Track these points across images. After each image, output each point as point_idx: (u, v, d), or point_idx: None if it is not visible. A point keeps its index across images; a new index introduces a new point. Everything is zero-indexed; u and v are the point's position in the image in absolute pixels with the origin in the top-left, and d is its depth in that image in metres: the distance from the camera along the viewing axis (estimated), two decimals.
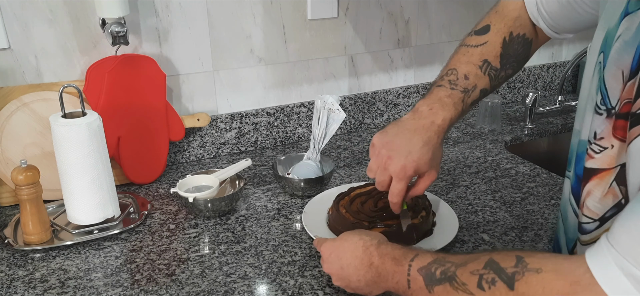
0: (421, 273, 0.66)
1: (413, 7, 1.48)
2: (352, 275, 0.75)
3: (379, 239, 0.76)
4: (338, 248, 0.78)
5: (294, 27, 1.35)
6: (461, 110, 0.86)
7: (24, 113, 1.08)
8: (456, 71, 0.87)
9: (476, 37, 0.89)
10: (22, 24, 1.09)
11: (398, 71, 1.54)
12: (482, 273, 0.59)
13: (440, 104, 0.84)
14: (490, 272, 0.58)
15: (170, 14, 1.21)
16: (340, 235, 0.80)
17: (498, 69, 0.87)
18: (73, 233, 1.00)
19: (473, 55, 0.87)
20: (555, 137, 1.56)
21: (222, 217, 1.07)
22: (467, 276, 0.60)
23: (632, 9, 0.61)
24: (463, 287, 0.60)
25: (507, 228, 1.01)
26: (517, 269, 0.56)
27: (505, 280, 0.57)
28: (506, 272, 0.57)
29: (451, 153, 1.36)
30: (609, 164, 0.62)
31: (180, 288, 0.86)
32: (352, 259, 0.75)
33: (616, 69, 0.61)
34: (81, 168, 0.96)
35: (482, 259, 0.60)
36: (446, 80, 0.87)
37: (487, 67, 0.87)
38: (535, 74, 1.75)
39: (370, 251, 0.74)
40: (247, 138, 1.38)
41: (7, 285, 0.87)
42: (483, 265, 0.59)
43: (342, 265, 0.76)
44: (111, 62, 1.13)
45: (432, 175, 0.86)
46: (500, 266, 0.58)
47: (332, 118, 1.17)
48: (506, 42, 0.87)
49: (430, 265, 0.65)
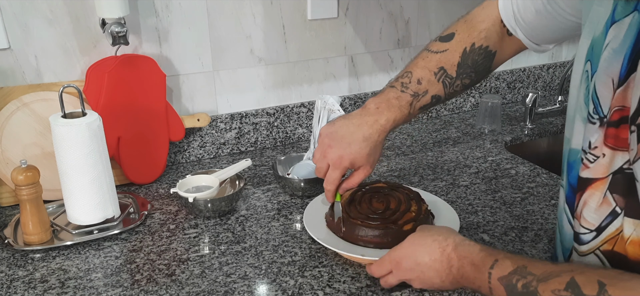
0: (502, 283, 0.66)
1: (413, 7, 1.48)
2: (434, 277, 0.75)
3: (453, 238, 0.75)
4: (413, 253, 0.77)
5: (294, 27, 1.35)
6: (408, 113, 0.89)
7: (24, 114, 1.08)
8: (411, 74, 0.90)
9: (439, 43, 0.91)
10: (22, 24, 1.09)
11: (398, 71, 1.53)
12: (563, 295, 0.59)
13: (387, 105, 0.89)
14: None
15: (170, 14, 1.21)
16: (409, 238, 0.79)
17: (453, 78, 0.89)
18: (73, 233, 1.00)
19: (431, 61, 0.90)
20: (555, 137, 1.56)
21: (222, 217, 1.07)
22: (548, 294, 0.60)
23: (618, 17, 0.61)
24: None
25: (507, 228, 1.01)
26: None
27: None
28: None
29: (451, 153, 1.36)
30: (602, 173, 0.63)
31: (180, 288, 0.86)
32: (431, 262, 0.75)
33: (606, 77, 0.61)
34: (81, 168, 0.96)
35: (564, 278, 0.60)
36: (399, 82, 0.91)
37: (443, 74, 0.89)
38: (535, 74, 1.75)
39: (448, 253, 0.74)
40: (247, 138, 1.38)
41: (7, 285, 0.87)
42: (565, 286, 0.59)
43: (422, 269, 0.76)
44: (111, 62, 1.13)
45: (366, 170, 0.91)
46: (583, 292, 0.58)
47: (333, 118, 1.17)
48: (466, 52, 0.88)
49: (511, 276, 0.65)
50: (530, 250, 0.95)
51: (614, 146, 0.60)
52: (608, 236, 0.63)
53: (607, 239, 0.63)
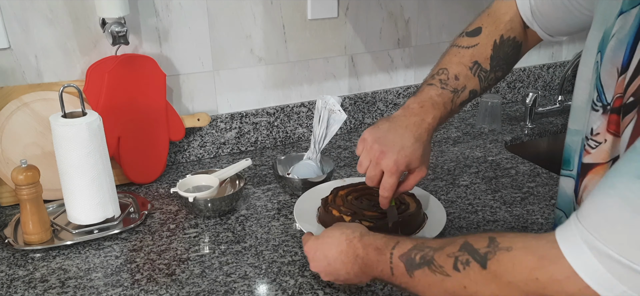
0: (402, 260, 0.68)
1: (413, 7, 1.48)
2: (340, 269, 0.77)
3: (360, 230, 0.78)
4: (322, 245, 0.79)
5: (294, 27, 1.35)
6: (450, 110, 0.88)
7: (24, 113, 1.08)
8: (447, 71, 0.89)
9: (468, 38, 0.91)
10: (22, 24, 1.09)
11: (398, 71, 1.54)
12: (457, 255, 0.62)
13: (431, 102, 0.87)
14: (465, 253, 0.61)
15: (170, 13, 1.21)
16: (322, 232, 0.82)
17: (488, 71, 0.89)
18: (73, 233, 1.00)
19: (464, 56, 0.89)
20: (555, 137, 1.56)
21: (222, 217, 1.07)
22: (443, 259, 0.63)
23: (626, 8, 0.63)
24: (440, 269, 0.63)
25: (507, 228, 1.01)
26: (489, 249, 0.59)
27: (479, 259, 0.59)
28: (479, 252, 0.60)
29: (451, 153, 1.36)
30: (603, 159, 0.64)
31: (180, 288, 0.86)
32: (338, 254, 0.77)
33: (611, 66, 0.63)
34: (81, 168, 0.96)
35: (458, 242, 0.63)
36: (437, 79, 0.89)
37: (478, 68, 0.89)
38: (535, 73, 1.75)
39: (354, 244, 0.76)
40: (247, 138, 1.38)
41: (7, 285, 0.87)
42: (458, 247, 0.62)
43: (329, 261, 0.78)
44: (111, 62, 1.13)
45: (422, 171, 0.87)
46: (474, 247, 0.61)
47: (333, 118, 1.17)
48: (497, 44, 0.89)
49: (410, 251, 0.68)
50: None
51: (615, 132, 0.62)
52: None
53: None
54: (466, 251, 0.61)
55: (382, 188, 0.87)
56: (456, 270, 0.61)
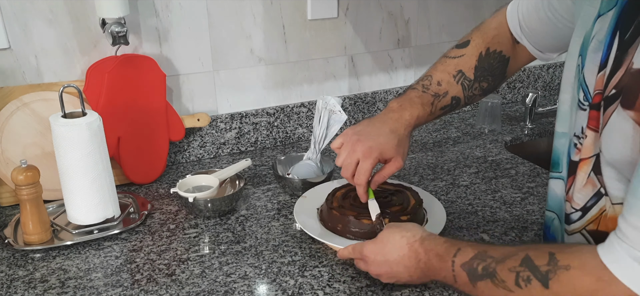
0: (464, 269, 0.69)
1: (413, 7, 1.48)
2: (402, 272, 0.77)
3: (420, 233, 0.78)
4: (383, 249, 0.79)
5: (294, 27, 1.35)
6: (430, 112, 0.93)
7: (24, 113, 1.08)
8: (431, 77, 0.95)
9: (456, 50, 0.96)
10: (22, 24, 1.09)
11: (398, 71, 1.54)
12: (518, 270, 0.63)
13: (410, 102, 0.92)
14: (526, 270, 0.62)
15: (170, 14, 1.21)
16: (380, 235, 0.81)
17: (472, 80, 0.94)
18: (73, 233, 1.00)
19: (449, 65, 0.95)
20: None
21: (222, 217, 1.07)
22: (505, 273, 0.64)
23: (603, 11, 0.67)
24: (503, 284, 0.64)
25: (507, 228, 1.01)
26: (549, 267, 0.60)
27: (539, 278, 0.61)
28: (540, 270, 0.61)
29: (451, 153, 1.36)
30: (587, 154, 0.67)
31: (180, 288, 0.86)
32: (400, 258, 0.77)
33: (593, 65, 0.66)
34: (81, 168, 0.96)
35: (519, 255, 0.64)
36: (420, 84, 0.95)
37: (461, 77, 0.94)
38: (535, 73, 1.75)
39: (415, 248, 0.76)
40: (247, 138, 1.38)
41: (7, 285, 0.87)
42: (519, 262, 0.63)
43: (391, 265, 0.78)
44: (111, 62, 1.13)
45: (397, 162, 0.90)
46: (535, 264, 0.62)
47: (333, 119, 1.17)
48: (482, 56, 0.93)
49: (472, 261, 0.68)
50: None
51: (595, 128, 0.65)
52: (593, 217, 0.68)
53: (593, 219, 0.68)
54: (527, 267, 0.62)
55: (357, 174, 0.90)
56: (518, 286, 0.62)
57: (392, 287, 0.84)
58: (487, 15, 1.45)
